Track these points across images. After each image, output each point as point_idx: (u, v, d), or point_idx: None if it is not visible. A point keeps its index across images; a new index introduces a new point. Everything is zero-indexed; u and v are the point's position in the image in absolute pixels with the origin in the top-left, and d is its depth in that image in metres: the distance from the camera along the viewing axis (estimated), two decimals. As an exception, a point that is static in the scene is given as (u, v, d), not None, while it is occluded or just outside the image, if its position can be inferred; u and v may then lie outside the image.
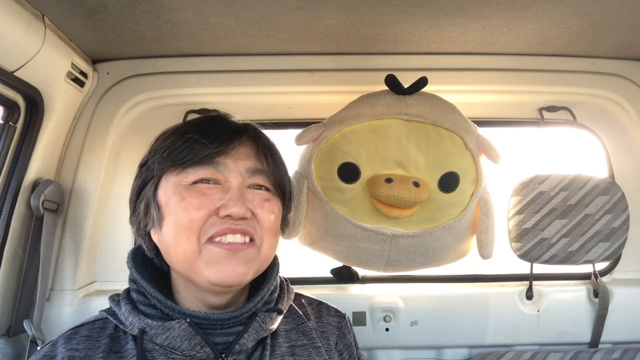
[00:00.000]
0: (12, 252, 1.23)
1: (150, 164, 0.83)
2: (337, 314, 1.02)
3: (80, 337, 0.82)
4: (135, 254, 0.90)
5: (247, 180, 0.84)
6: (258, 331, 0.83)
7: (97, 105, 1.41)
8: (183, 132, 0.84)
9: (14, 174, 1.22)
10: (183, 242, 0.78)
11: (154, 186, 0.83)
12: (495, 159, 1.25)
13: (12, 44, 1.04)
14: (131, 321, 0.80)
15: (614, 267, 1.54)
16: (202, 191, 0.80)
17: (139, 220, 0.86)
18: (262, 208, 0.83)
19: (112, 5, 1.08)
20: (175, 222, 0.79)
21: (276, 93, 1.48)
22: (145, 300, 0.83)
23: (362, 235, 1.23)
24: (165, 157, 0.82)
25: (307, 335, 0.92)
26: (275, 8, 1.12)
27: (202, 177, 0.81)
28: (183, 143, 0.82)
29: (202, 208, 0.78)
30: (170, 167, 0.82)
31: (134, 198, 0.87)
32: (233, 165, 0.82)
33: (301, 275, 1.66)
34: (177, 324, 0.78)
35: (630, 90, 1.47)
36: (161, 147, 0.83)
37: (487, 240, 1.29)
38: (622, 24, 1.21)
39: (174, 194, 0.80)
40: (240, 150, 0.85)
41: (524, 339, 1.45)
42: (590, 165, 1.58)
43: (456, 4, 1.10)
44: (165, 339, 0.78)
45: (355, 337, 1.03)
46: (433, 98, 1.27)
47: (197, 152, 0.80)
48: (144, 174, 0.85)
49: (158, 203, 0.82)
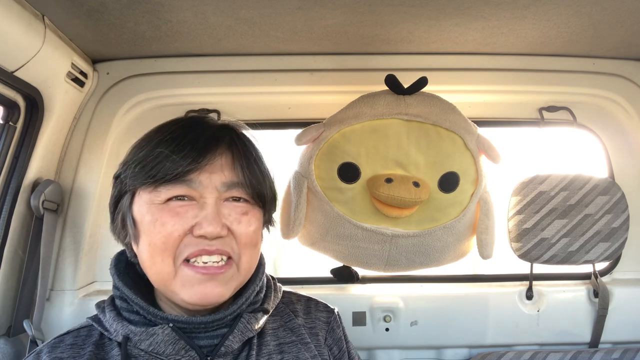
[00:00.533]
0: (12, 252, 1.23)
1: (123, 178, 0.81)
2: (326, 309, 1.01)
3: (65, 345, 0.82)
4: (118, 260, 0.89)
5: (224, 194, 0.80)
6: (243, 332, 0.83)
7: (97, 105, 1.41)
8: (155, 144, 0.79)
9: (14, 174, 1.22)
10: (158, 264, 0.77)
11: (129, 200, 0.81)
12: (495, 159, 1.25)
13: (12, 44, 1.04)
14: (115, 328, 0.80)
15: (614, 267, 1.54)
16: (175, 210, 0.77)
17: (118, 231, 0.85)
18: (240, 223, 0.80)
19: (112, 5, 1.08)
20: (149, 242, 0.77)
21: (276, 93, 1.48)
22: (128, 306, 0.83)
23: (362, 235, 1.23)
24: (137, 173, 0.78)
25: (295, 331, 0.91)
26: (275, 8, 1.12)
27: (175, 194, 0.77)
28: (154, 158, 0.77)
29: (176, 229, 0.76)
30: (142, 184, 0.78)
31: (112, 208, 0.85)
32: (207, 181, 0.78)
33: (301, 275, 1.66)
34: (160, 329, 0.77)
35: (630, 90, 1.47)
36: (133, 161, 0.80)
37: (487, 240, 1.29)
38: (622, 24, 1.21)
39: (147, 213, 0.78)
40: (215, 163, 0.80)
41: (524, 339, 1.45)
42: (590, 165, 1.58)
43: (456, 4, 1.10)
44: (149, 345, 0.77)
45: (345, 331, 1.01)
46: (433, 98, 1.27)
47: (168, 170, 0.76)
48: (119, 186, 0.83)
49: (134, 219, 0.80)
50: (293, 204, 1.28)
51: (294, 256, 2.43)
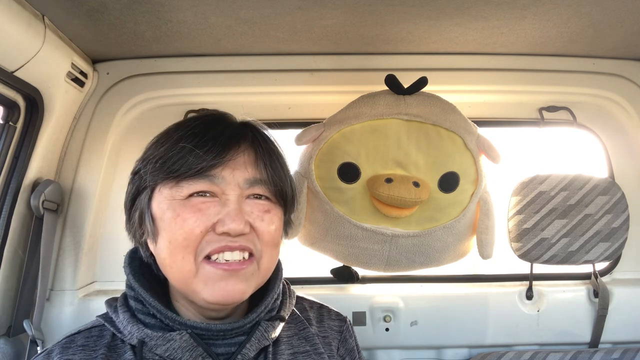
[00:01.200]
0: (12, 252, 1.23)
1: (143, 173, 0.79)
2: (339, 317, 1.00)
3: (77, 346, 0.79)
4: (132, 257, 0.86)
5: (246, 191, 0.79)
6: (260, 340, 0.81)
7: (97, 105, 1.41)
8: (176, 140, 0.78)
9: (14, 174, 1.22)
10: (179, 261, 0.75)
11: (148, 197, 0.79)
12: (495, 159, 1.25)
13: (12, 44, 1.04)
14: (130, 330, 0.78)
15: (614, 267, 1.54)
16: (197, 206, 0.75)
17: (134, 229, 0.82)
18: (262, 220, 0.79)
19: (112, 5, 1.08)
20: (170, 239, 0.75)
21: (276, 93, 1.48)
22: (143, 308, 0.80)
23: (362, 235, 1.23)
24: (158, 168, 0.77)
25: (310, 341, 0.90)
26: (275, 8, 1.12)
27: (197, 190, 0.76)
28: (177, 153, 0.76)
29: (198, 225, 0.74)
30: (163, 179, 0.77)
31: (129, 206, 0.83)
32: (230, 177, 0.77)
33: (301, 275, 1.66)
34: (178, 335, 0.75)
35: (630, 90, 1.47)
36: (154, 156, 0.78)
37: (487, 240, 1.29)
38: (622, 24, 1.22)
39: (168, 209, 0.76)
40: (237, 159, 0.79)
41: (524, 339, 1.45)
42: (590, 165, 1.58)
43: (456, 4, 1.10)
44: (165, 350, 0.75)
45: (357, 340, 1.01)
46: (433, 98, 1.27)
47: (191, 165, 0.75)
48: (137, 182, 0.81)
49: (152, 215, 0.78)
50: (296, 204, 1.27)
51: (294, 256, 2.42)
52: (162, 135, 0.82)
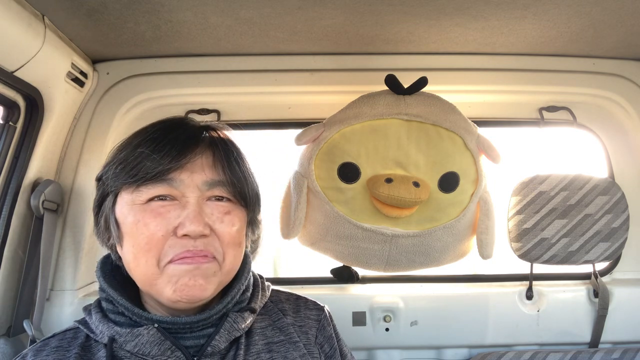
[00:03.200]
0: (12, 252, 1.23)
1: (105, 179, 0.81)
2: (316, 307, 1.00)
3: (50, 348, 0.82)
4: (104, 262, 0.88)
5: (206, 193, 0.80)
6: (230, 332, 0.82)
7: (97, 105, 1.41)
8: (135, 145, 0.79)
9: (14, 174, 1.22)
10: (142, 265, 0.77)
11: (112, 202, 0.81)
12: (495, 159, 1.25)
13: (12, 44, 1.04)
14: (101, 330, 0.80)
15: (614, 267, 1.54)
16: (157, 210, 0.77)
17: (101, 234, 0.84)
18: (222, 222, 0.80)
19: (112, 5, 1.08)
20: (133, 244, 0.77)
21: (276, 93, 1.48)
22: (114, 308, 0.83)
23: (362, 235, 1.23)
24: (118, 173, 0.78)
25: (284, 331, 0.91)
26: (275, 8, 1.12)
27: (157, 194, 0.78)
28: (135, 158, 0.78)
29: (159, 229, 0.76)
30: (123, 184, 0.78)
31: (95, 211, 0.85)
32: (189, 179, 0.79)
33: (301, 275, 1.66)
34: (146, 330, 0.77)
35: (630, 90, 1.47)
36: (114, 162, 0.80)
37: (487, 240, 1.29)
38: (622, 24, 1.22)
39: (129, 213, 0.78)
40: (195, 161, 0.80)
41: (524, 339, 1.45)
42: (590, 165, 1.58)
43: (456, 4, 1.10)
44: (135, 346, 0.77)
45: (336, 328, 1.01)
46: (433, 98, 1.27)
47: (148, 169, 0.76)
48: (102, 188, 0.83)
49: (116, 220, 0.80)
50: (293, 204, 1.28)
51: (294, 256, 2.43)
52: (124, 141, 0.84)
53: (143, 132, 0.83)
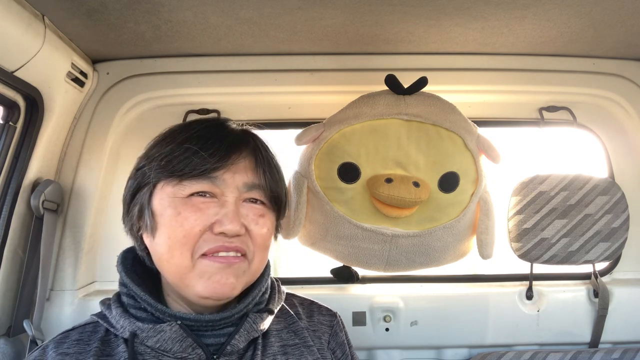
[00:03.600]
0: (12, 252, 1.23)
1: (147, 170, 0.82)
2: (329, 312, 1.02)
3: (71, 341, 0.82)
4: (125, 257, 0.90)
5: (244, 194, 0.83)
6: (249, 332, 0.84)
7: (97, 105, 1.41)
8: (182, 141, 0.82)
9: (14, 174, 1.22)
10: (176, 257, 0.78)
11: (149, 193, 0.82)
12: (495, 159, 1.25)
13: (12, 44, 1.04)
14: (122, 324, 0.81)
15: (614, 267, 1.54)
16: (198, 206, 0.79)
17: (132, 223, 0.85)
18: (257, 224, 0.83)
19: (112, 5, 1.08)
20: (169, 235, 0.78)
21: (276, 93, 1.48)
22: (135, 303, 0.83)
23: (362, 235, 1.23)
24: (163, 167, 0.80)
25: (299, 334, 0.92)
26: (275, 8, 1.12)
27: (199, 190, 0.80)
28: (182, 154, 0.80)
29: (198, 224, 0.78)
30: (167, 177, 0.80)
31: (128, 200, 0.86)
32: (231, 180, 0.81)
33: (301, 275, 1.66)
34: (168, 327, 0.78)
35: (630, 90, 1.47)
36: (159, 155, 0.82)
37: (487, 240, 1.29)
38: (622, 24, 1.22)
39: (170, 206, 0.79)
40: (238, 164, 0.83)
41: (524, 339, 1.45)
42: (590, 165, 1.58)
43: (456, 4, 1.10)
44: (156, 342, 0.78)
45: (348, 335, 1.03)
46: (433, 98, 1.27)
47: (196, 166, 0.79)
48: (139, 178, 0.84)
49: (152, 211, 0.81)
50: (293, 204, 1.28)
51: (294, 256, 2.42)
52: (167, 135, 0.86)
53: (188, 128, 0.85)
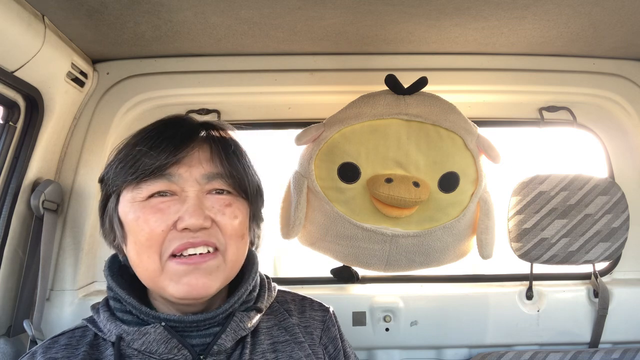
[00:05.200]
0: (12, 252, 1.23)
1: (106, 180, 0.82)
2: (321, 307, 1.01)
3: (59, 345, 0.82)
4: (112, 261, 0.89)
5: (205, 186, 0.81)
6: (236, 331, 0.83)
7: (97, 105, 1.41)
8: (134, 144, 0.81)
9: (14, 174, 1.22)
10: (145, 261, 0.78)
11: (115, 202, 0.82)
12: (495, 159, 1.25)
13: (12, 44, 1.04)
14: (109, 328, 0.81)
15: (614, 267, 1.54)
16: (157, 206, 0.78)
17: (106, 234, 0.86)
18: (224, 214, 0.81)
19: (112, 5, 1.08)
20: (135, 241, 0.78)
21: (276, 93, 1.48)
22: (121, 307, 0.84)
23: (362, 235, 1.23)
24: (118, 172, 0.80)
25: (290, 331, 0.92)
26: (275, 8, 1.11)
27: (156, 190, 0.79)
28: (133, 156, 0.79)
29: (159, 225, 0.77)
30: (123, 183, 0.80)
31: (100, 212, 0.87)
32: (187, 173, 0.79)
33: (301, 275, 1.66)
34: (152, 329, 0.78)
35: (630, 90, 1.47)
36: (114, 161, 0.82)
37: (487, 240, 1.29)
38: (622, 24, 1.21)
39: (130, 211, 0.79)
40: (192, 156, 0.81)
41: (524, 339, 1.45)
42: (590, 165, 1.58)
43: (456, 4, 1.10)
44: (142, 344, 0.78)
45: (341, 329, 1.01)
46: (433, 98, 1.27)
47: (147, 165, 0.77)
48: (104, 189, 0.84)
49: (120, 219, 0.81)
50: (293, 204, 1.28)
51: (294, 256, 2.43)
52: (124, 141, 0.85)
53: (141, 131, 0.84)
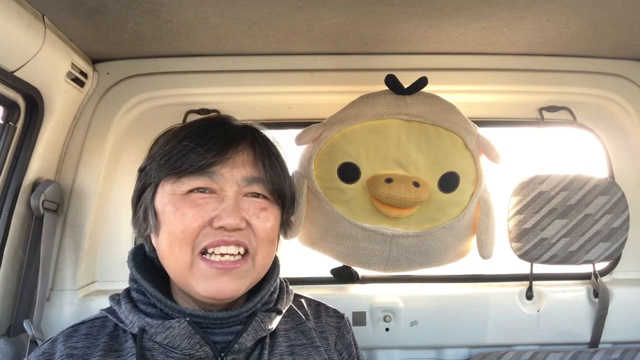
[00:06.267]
0: (12, 252, 1.23)
1: (148, 170, 0.83)
2: (336, 314, 1.02)
3: (80, 335, 0.83)
4: (136, 253, 0.90)
5: (244, 189, 0.83)
6: (257, 331, 0.84)
7: (97, 105, 1.41)
8: (181, 139, 0.83)
9: (14, 174, 1.22)
10: (176, 253, 0.79)
11: (152, 193, 0.83)
12: (495, 159, 1.25)
13: (12, 44, 1.04)
14: (131, 320, 0.81)
15: (614, 267, 1.54)
16: (196, 201, 0.79)
17: (139, 224, 0.87)
18: (258, 218, 0.82)
19: (112, 5, 1.08)
20: (169, 232, 0.79)
21: (276, 93, 1.48)
22: (145, 299, 0.84)
23: (362, 235, 1.23)
24: (162, 165, 0.81)
25: (306, 334, 0.92)
26: (275, 8, 1.12)
27: (197, 186, 0.80)
28: (179, 151, 0.81)
29: (196, 219, 0.78)
30: (166, 175, 0.81)
31: (135, 202, 0.88)
32: (229, 174, 0.81)
33: (301, 275, 1.66)
34: (177, 323, 0.79)
35: (630, 90, 1.47)
36: (159, 153, 0.83)
37: (487, 240, 1.29)
38: (622, 24, 1.22)
39: (169, 203, 0.80)
40: (236, 158, 0.83)
41: (524, 339, 1.45)
42: (590, 165, 1.58)
43: (456, 4, 1.10)
44: (164, 338, 0.78)
45: (354, 336, 1.03)
46: (433, 98, 1.27)
47: (193, 162, 0.80)
48: (143, 179, 0.85)
49: (155, 210, 0.82)
50: (296, 205, 1.27)
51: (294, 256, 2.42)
52: (168, 134, 0.87)
53: (188, 126, 0.86)
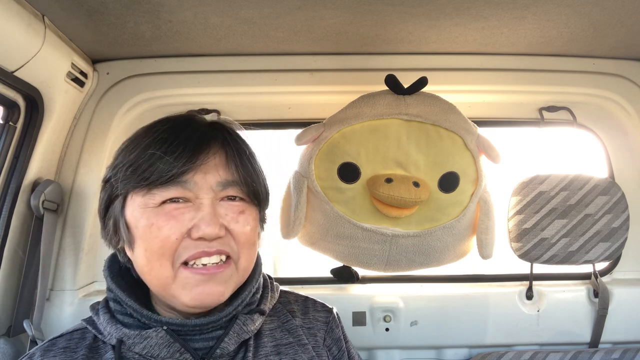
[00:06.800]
0: (12, 252, 1.23)
1: (114, 181, 0.78)
2: (324, 308, 0.99)
3: (58, 349, 0.80)
4: (112, 261, 0.87)
5: (219, 193, 0.78)
6: (239, 334, 0.81)
7: (97, 105, 1.41)
8: (146, 146, 0.77)
9: (14, 174, 1.22)
10: (156, 269, 0.76)
11: (121, 205, 0.78)
12: (495, 159, 1.25)
13: (12, 44, 1.04)
14: (109, 331, 0.79)
15: (614, 267, 1.54)
16: (171, 213, 0.75)
17: (109, 237, 0.82)
18: (237, 222, 0.79)
19: (112, 5, 1.08)
20: (146, 247, 0.75)
21: (276, 93, 1.48)
22: (122, 309, 0.82)
23: (362, 235, 1.23)
24: (129, 176, 0.76)
25: (293, 332, 0.90)
26: (275, 8, 1.11)
27: (170, 197, 0.75)
28: (146, 160, 0.75)
29: (173, 232, 0.74)
30: (134, 188, 0.76)
31: (102, 213, 0.83)
32: (202, 181, 0.77)
33: (301, 275, 1.66)
34: (154, 332, 0.76)
35: (630, 90, 1.47)
36: (123, 164, 0.77)
37: (487, 240, 1.29)
38: (622, 24, 1.21)
39: (142, 217, 0.75)
40: (208, 162, 0.78)
41: (524, 339, 1.45)
42: (590, 165, 1.58)
43: (456, 4, 1.10)
44: (143, 348, 0.76)
45: (344, 330, 1.00)
46: (433, 98, 1.27)
47: (162, 172, 0.74)
48: (109, 191, 0.80)
49: (127, 224, 0.78)
50: (293, 204, 1.28)
51: (294, 256, 2.42)
52: (132, 141, 0.81)
53: (151, 131, 0.80)
